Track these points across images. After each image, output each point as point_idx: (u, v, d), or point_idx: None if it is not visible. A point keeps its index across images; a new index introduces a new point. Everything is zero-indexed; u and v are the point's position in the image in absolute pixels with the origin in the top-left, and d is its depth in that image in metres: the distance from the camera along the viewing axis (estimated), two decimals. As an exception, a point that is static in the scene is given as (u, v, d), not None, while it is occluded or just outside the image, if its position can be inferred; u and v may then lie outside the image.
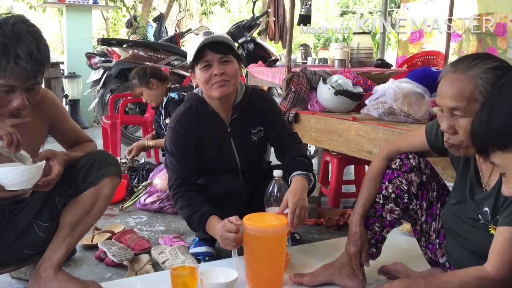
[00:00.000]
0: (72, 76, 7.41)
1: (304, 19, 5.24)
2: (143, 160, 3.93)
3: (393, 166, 1.88)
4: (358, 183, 3.60)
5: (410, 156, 1.87)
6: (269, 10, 7.70)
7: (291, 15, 3.70)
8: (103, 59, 6.01)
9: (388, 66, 4.34)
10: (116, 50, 5.87)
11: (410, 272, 1.96)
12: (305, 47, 5.37)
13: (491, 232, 1.58)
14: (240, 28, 5.82)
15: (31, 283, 1.92)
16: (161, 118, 3.76)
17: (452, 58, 4.60)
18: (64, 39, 8.15)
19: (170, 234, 2.71)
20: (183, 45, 7.67)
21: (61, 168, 1.76)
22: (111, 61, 5.87)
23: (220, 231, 1.98)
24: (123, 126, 5.29)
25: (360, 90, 3.19)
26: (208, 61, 2.22)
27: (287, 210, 1.99)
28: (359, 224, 1.88)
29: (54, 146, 2.07)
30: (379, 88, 2.87)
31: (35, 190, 1.81)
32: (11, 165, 1.68)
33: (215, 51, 2.22)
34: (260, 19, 6.14)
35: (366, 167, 3.21)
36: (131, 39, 7.68)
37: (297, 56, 5.40)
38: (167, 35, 7.56)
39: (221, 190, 2.25)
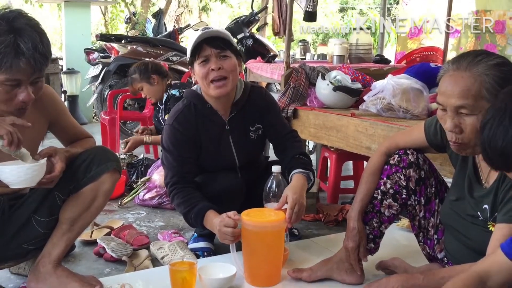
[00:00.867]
0: (70, 71, 7.39)
1: (311, 16, 5.19)
2: (141, 156, 3.93)
3: (391, 162, 1.88)
4: (356, 179, 3.59)
5: (408, 152, 1.87)
6: (268, 6, 7.69)
7: (290, 11, 3.70)
8: (102, 54, 6.00)
9: (387, 62, 4.34)
10: (115, 45, 5.85)
11: (408, 267, 1.96)
12: (304, 42, 5.34)
13: (490, 229, 1.58)
14: (239, 24, 5.82)
15: (30, 278, 1.92)
16: (160, 114, 3.76)
17: (450, 54, 4.61)
18: (63, 35, 8.12)
19: (169, 230, 2.71)
20: (182, 41, 7.65)
21: (63, 165, 1.77)
22: (109, 56, 5.86)
23: (218, 226, 1.98)
24: (121, 122, 5.30)
25: (358, 86, 3.19)
26: (205, 56, 2.20)
27: (286, 206, 2.00)
28: (358, 219, 1.89)
29: (52, 142, 2.07)
30: (377, 84, 2.87)
31: (38, 188, 1.81)
32: (13, 163, 1.68)
33: (213, 45, 2.19)
34: (259, 15, 6.12)
35: (365, 162, 3.22)
36: (129, 34, 7.66)
37: (296, 52, 5.37)
38: (166, 31, 7.55)
39: (218, 189, 2.24)
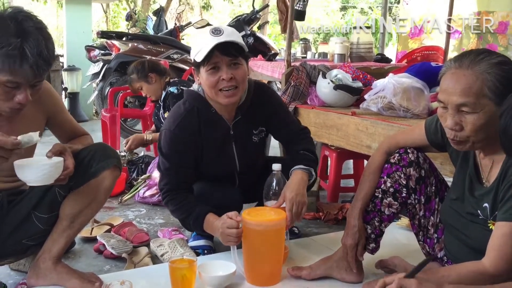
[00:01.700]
0: (71, 69, 7.39)
1: (300, 15, 5.16)
2: (142, 153, 3.93)
3: (392, 161, 1.88)
4: (356, 178, 3.60)
5: (409, 150, 1.87)
6: (269, 4, 7.68)
7: (291, 10, 3.70)
8: (103, 52, 5.99)
9: (388, 61, 4.34)
10: (116, 43, 5.86)
11: (408, 266, 1.96)
12: (305, 41, 5.33)
13: (490, 227, 1.58)
14: (240, 22, 5.80)
15: (30, 274, 1.92)
16: (160, 111, 3.76)
17: (452, 55, 4.60)
18: (64, 32, 8.13)
19: (169, 227, 2.71)
20: (183, 38, 7.64)
21: (73, 160, 1.77)
22: (110, 54, 5.85)
23: (221, 228, 1.96)
24: (122, 119, 5.30)
25: (359, 84, 3.19)
26: (215, 63, 2.03)
27: (285, 204, 2.00)
28: (358, 217, 1.89)
29: (52, 141, 2.07)
30: (378, 83, 2.87)
31: (54, 185, 1.80)
32: (30, 160, 1.70)
33: (225, 53, 2.02)
34: (260, 13, 6.12)
35: (365, 161, 3.22)
36: (130, 32, 7.65)
37: (296, 50, 5.36)
38: (167, 29, 7.53)
39: (215, 204, 2.14)
